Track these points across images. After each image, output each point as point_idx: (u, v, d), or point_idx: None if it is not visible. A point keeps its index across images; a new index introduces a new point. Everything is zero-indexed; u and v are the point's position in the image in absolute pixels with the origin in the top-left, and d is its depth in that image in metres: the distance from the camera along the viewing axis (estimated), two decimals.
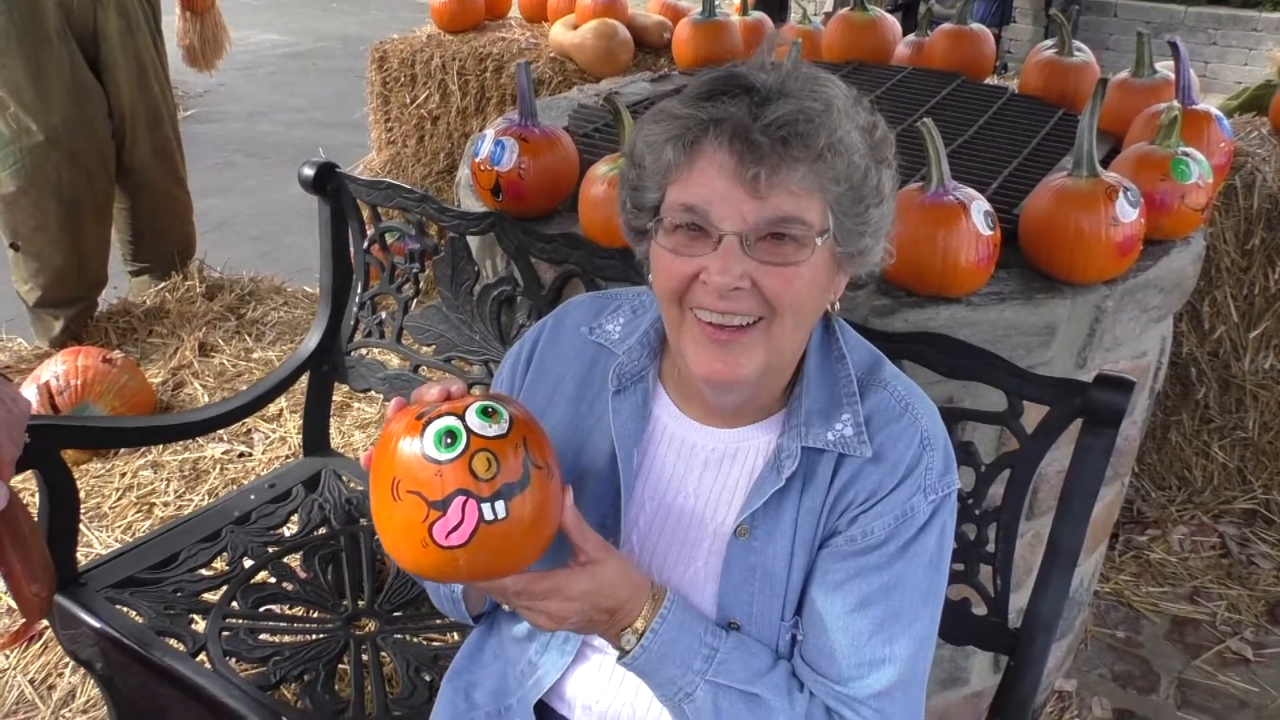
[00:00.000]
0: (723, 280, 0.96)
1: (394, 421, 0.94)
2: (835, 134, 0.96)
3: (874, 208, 1.01)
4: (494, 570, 0.93)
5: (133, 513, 2.46)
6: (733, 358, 1.00)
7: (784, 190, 0.95)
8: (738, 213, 0.95)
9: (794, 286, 0.98)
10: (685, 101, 0.99)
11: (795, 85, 0.97)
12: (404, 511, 0.90)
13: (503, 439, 0.91)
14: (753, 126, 0.94)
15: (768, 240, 0.96)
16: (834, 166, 0.96)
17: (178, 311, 3.28)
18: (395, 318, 1.93)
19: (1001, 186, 1.88)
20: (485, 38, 3.56)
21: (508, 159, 1.73)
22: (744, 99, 0.96)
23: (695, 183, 0.97)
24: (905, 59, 2.65)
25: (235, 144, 6.14)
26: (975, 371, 1.39)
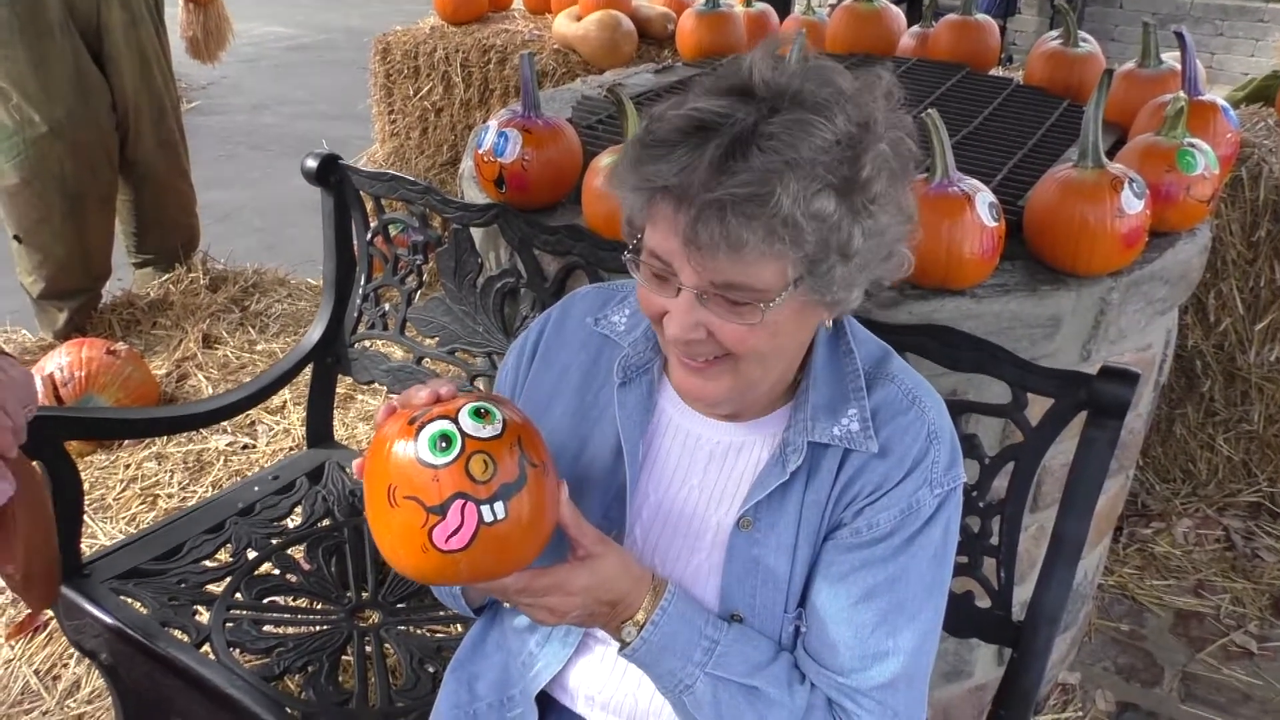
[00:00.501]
0: (677, 331, 0.97)
1: (385, 426, 0.94)
2: (782, 214, 0.89)
3: (841, 264, 0.95)
4: (495, 571, 0.93)
5: (137, 504, 2.47)
6: (701, 384, 1.02)
7: (728, 262, 0.92)
8: (690, 270, 0.94)
9: (748, 341, 0.97)
10: (642, 158, 0.95)
11: (777, 124, 0.90)
12: (402, 517, 0.89)
13: (497, 439, 0.91)
14: (695, 201, 0.90)
15: (721, 298, 0.95)
16: (784, 241, 0.91)
17: (181, 304, 3.28)
18: (399, 310, 1.93)
19: (1006, 178, 1.88)
20: (489, 29, 3.55)
21: (511, 150, 1.73)
22: (708, 148, 0.90)
23: (657, 234, 0.96)
24: (910, 50, 2.64)
25: (239, 136, 6.14)
26: (979, 364, 1.38)
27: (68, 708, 2.02)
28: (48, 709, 2.02)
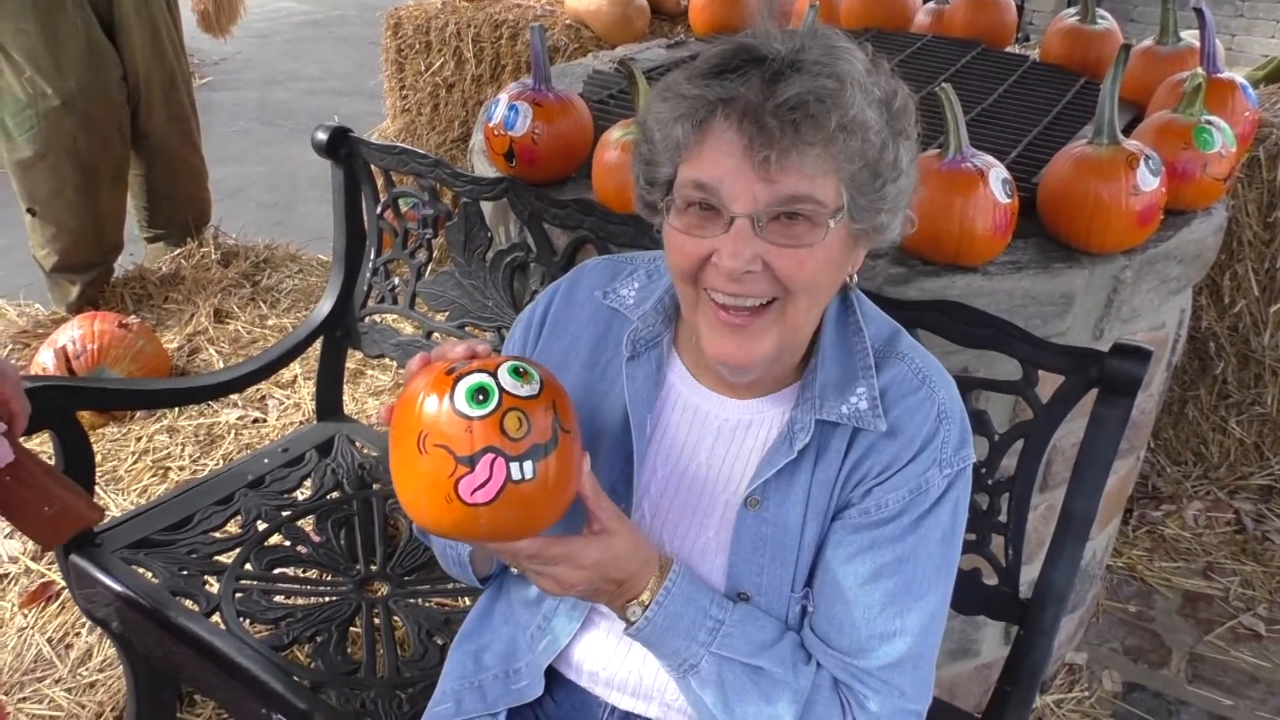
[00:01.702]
0: (734, 264, 0.94)
1: (419, 376, 0.93)
2: (849, 113, 0.93)
3: (891, 183, 0.99)
4: (512, 531, 0.92)
5: (148, 476, 2.48)
6: (747, 342, 1.00)
7: (796, 172, 0.93)
8: (748, 193, 0.93)
9: (807, 268, 0.96)
10: (694, 78, 0.97)
11: (810, 57, 0.94)
12: (429, 465, 0.88)
13: (534, 399, 0.90)
14: (763, 108, 0.91)
15: (780, 221, 0.95)
16: (848, 146, 0.93)
17: (193, 278, 3.29)
18: (408, 284, 1.93)
19: (1021, 155, 1.86)
20: (500, 4, 3.53)
21: (521, 124, 1.72)
22: (755, 75, 0.93)
23: (705, 161, 0.95)
24: (925, 26, 2.61)
25: (250, 112, 6.14)
26: (990, 340, 1.37)
27: (80, 675, 2.04)
28: (60, 677, 2.04)
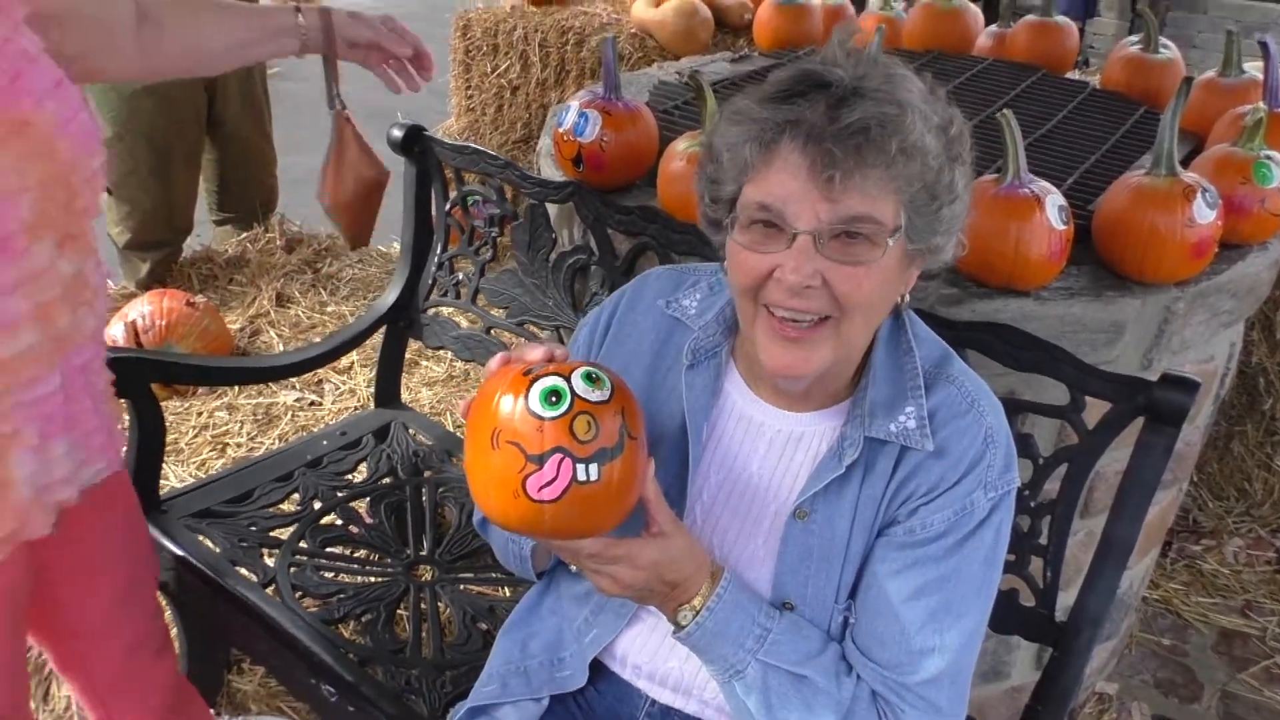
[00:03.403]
0: (796, 279, 0.99)
1: (497, 376, 0.98)
2: (909, 138, 0.97)
3: (947, 206, 1.03)
4: (575, 530, 0.96)
5: (207, 450, 2.57)
6: (803, 353, 1.03)
7: (857, 192, 0.97)
8: (811, 212, 0.98)
9: (865, 286, 1.00)
10: (762, 102, 1.02)
11: (872, 85, 0.99)
12: (501, 460, 0.93)
13: (604, 404, 0.94)
14: (827, 131, 0.96)
15: (840, 239, 0.99)
16: (908, 169, 0.98)
17: (258, 262, 3.38)
18: (471, 279, 1.99)
19: (1078, 182, 1.88)
20: (568, 11, 3.60)
21: (591, 131, 1.77)
22: (820, 100, 0.98)
23: (771, 182, 1.00)
24: (986, 50, 2.63)
25: (317, 103, 6.21)
26: (1039, 364, 1.40)
27: None
28: None
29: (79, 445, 1.21)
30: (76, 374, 1.19)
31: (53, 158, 1.09)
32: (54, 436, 1.16)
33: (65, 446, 1.18)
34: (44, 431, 1.15)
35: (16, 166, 1.05)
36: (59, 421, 1.17)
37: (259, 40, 1.50)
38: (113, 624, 1.43)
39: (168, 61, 1.43)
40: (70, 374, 1.18)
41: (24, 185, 1.05)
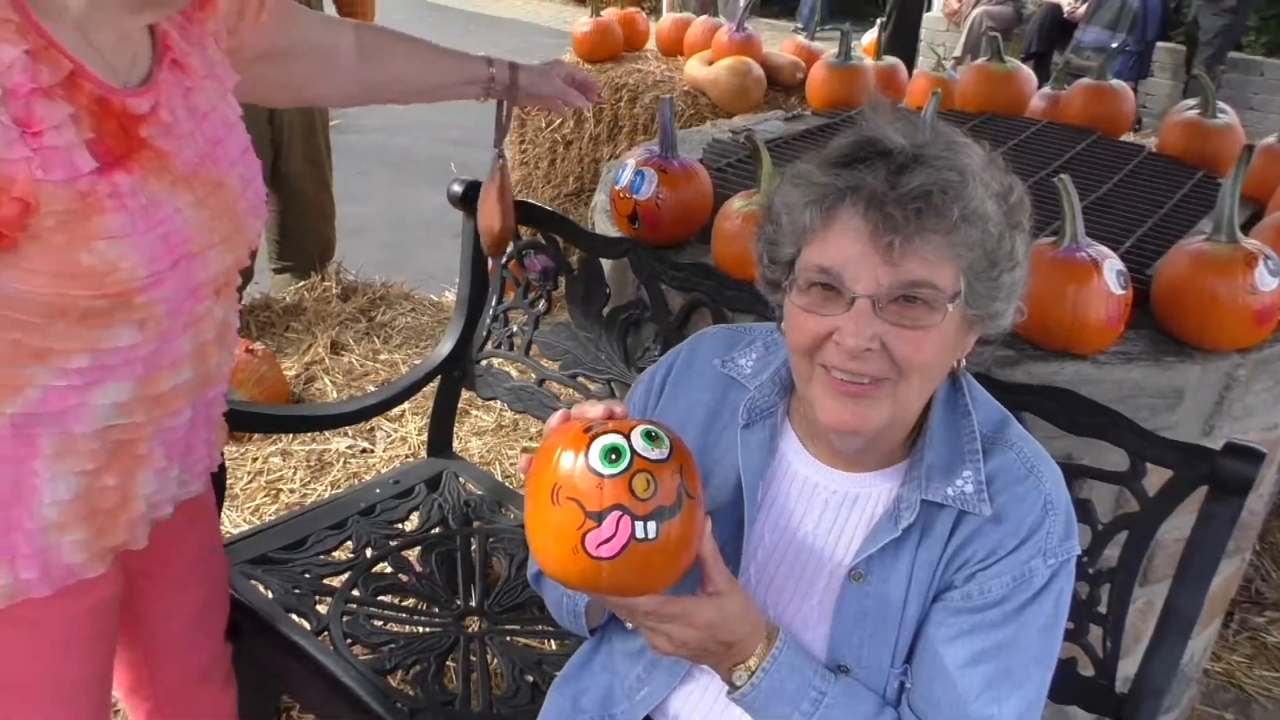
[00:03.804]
0: (855, 342, 0.99)
1: (558, 432, 0.99)
2: (970, 204, 0.98)
3: (1007, 273, 1.03)
4: (633, 588, 0.97)
5: (261, 496, 2.61)
6: (861, 410, 1.03)
7: (917, 258, 0.98)
8: (871, 276, 0.99)
9: (924, 350, 1.01)
10: (823, 166, 1.03)
11: (933, 152, 1.00)
12: (560, 517, 0.94)
13: (663, 463, 0.94)
14: (888, 196, 0.97)
15: (899, 303, 0.99)
16: (968, 235, 0.98)
17: (314, 310, 3.46)
18: (525, 331, 2.02)
19: (1135, 246, 1.87)
20: (622, 68, 3.68)
21: (647, 189, 1.80)
22: (881, 166, 0.99)
23: (831, 245, 1.01)
24: (1040, 112, 2.64)
25: (374, 155, 6.42)
26: (1098, 429, 1.39)
27: None
28: None
29: (189, 469, 1.33)
30: (204, 407, 1.30)
31: (233, 217, 1.20)
32: (175, 460, 1.28)
33: (179, 469, 1.30)
34: (169, 455, 1.26)
35: (210, 224, 1.15)
36: (181, 447, 1.28)
37: (453, 84, 1.65)
38: (189, 643, 1.51)
39: (376, 90, 1.58)
40: (200, 406, 1.28)
41: (212, 241, 1.16)
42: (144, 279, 1.08)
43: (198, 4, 1.21)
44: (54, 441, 1.14)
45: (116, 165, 1.05)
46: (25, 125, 0.98)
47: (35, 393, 1.10)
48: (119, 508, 1.22)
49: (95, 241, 1.04)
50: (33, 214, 1.00)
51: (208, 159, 1.16)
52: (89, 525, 1.20)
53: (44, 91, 0.99)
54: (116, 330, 1.10)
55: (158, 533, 1.31)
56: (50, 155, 1.00)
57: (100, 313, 1.08)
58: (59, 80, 1.01)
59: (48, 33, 1.00)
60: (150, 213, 1.08)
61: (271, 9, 1.37)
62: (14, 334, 1.07)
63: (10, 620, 1.18)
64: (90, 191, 1.03)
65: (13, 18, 0.98)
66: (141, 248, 1.07)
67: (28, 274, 1.03)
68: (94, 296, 1.06)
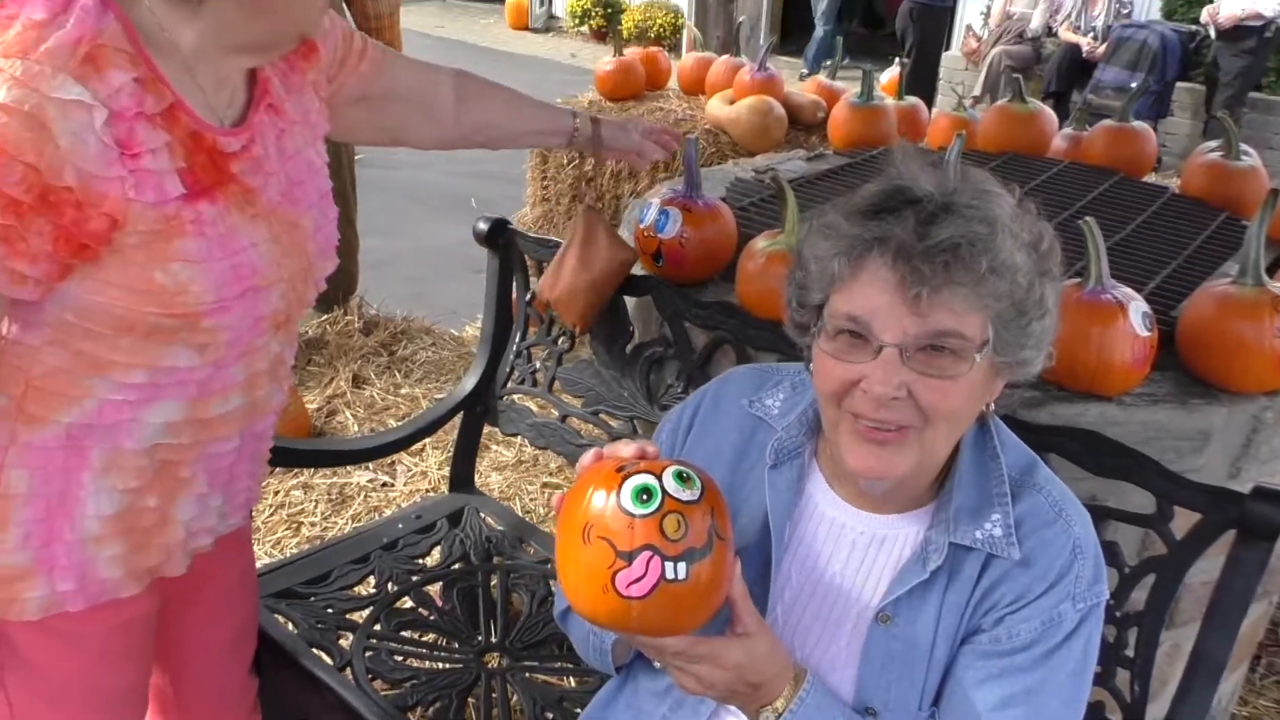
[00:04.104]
0: (882, 390, 1.00)
1: (590, 471, 1.00)
2: (998, 256, 0.98)
3: (1036, 321, 1.03)
4: (662, 628, 0.97)
5: (282, 529, 2.62)
6: (887, 455, 1.04)
7: (945, 309, 0.98)
8: (899, 325, 0.99)
9: (951, 398, 1.01)
10: (851, 215, 1.04)
11: (962, 200, 1.00)
12: (591, 556, 0.94)
13: (694, 504, 0.95)
14: (916, 249, 0.97)
15: (926, 352, 1.00)
16: (996, 287, 0.98)
17: (336, 344, 3.49)
18: (548, 368, 2.03)
19: (1159, 287, 1.87)
20: (644, 107, 3.72)
21: (671, 228, 1.82)
22: (909, 216, 0.99)
23: (859, 294, 1.01)
24: (1062, 152, 2.65)
25: (399, 189, 6.49)
26: (1124, 471, 1.38)
27: None
28: None
29: (229, 500, 1.36)
30: (251, 439, 1.33)
31: (303, 256, 1.24)
32: (216, 489, 1.31)
33: (220, 499, 1.33)
34: (211, 482, 1.29)
35: (280, 261, 1.20)
36: (224, 477, 1.31)
37: (539, 133, 1.72)
38: (220, 671, 1.53)
39: (468, 136, 1.63)
40: (247, 438, 1.31)
41: (280, 277, 1.20)
42: (211, 304, 1.13)
43: (301, 54, 1.27)
44: (103, 455, 1.18)
45: (203, 194, 1.11)
46: (125, 147, 1.03)
47: (92, 404, 1.15)
48: (157, 528, 1.26)
49: (171, 263, 1.09)
50: (118, 230, 1.05)
51: (287, 198, 1.21)
52: (126, 542, 1.23)
53: (146, 118, 1.05)
54: (177, 350, 1.15)
55: (197, 559, 1.34)
56: (143, 177, 1.05)
57: (165, 331, 1.12)
58: (160, 110, 1.07)
59: (156, 66, 1.07)
60: (227, 242, 1.13)
61: (372, 58, 1.43)
62: (82, 344, 1.12)
63: (46, 630, 1.22)
64: (175, 215, 1.08)
65: (126, 48, 1.04)
66: (213, 274, 1.12)
67: (104, 286, 1.08)
68: (162, 315, 1.11)
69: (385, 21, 3.27)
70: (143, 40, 1.06)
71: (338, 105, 1.39)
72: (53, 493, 1.17)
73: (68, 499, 1.18)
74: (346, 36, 1.39)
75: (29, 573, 1.18)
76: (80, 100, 0.99)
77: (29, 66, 0.98)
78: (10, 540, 1.16)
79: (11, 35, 1.00)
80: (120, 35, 1.04)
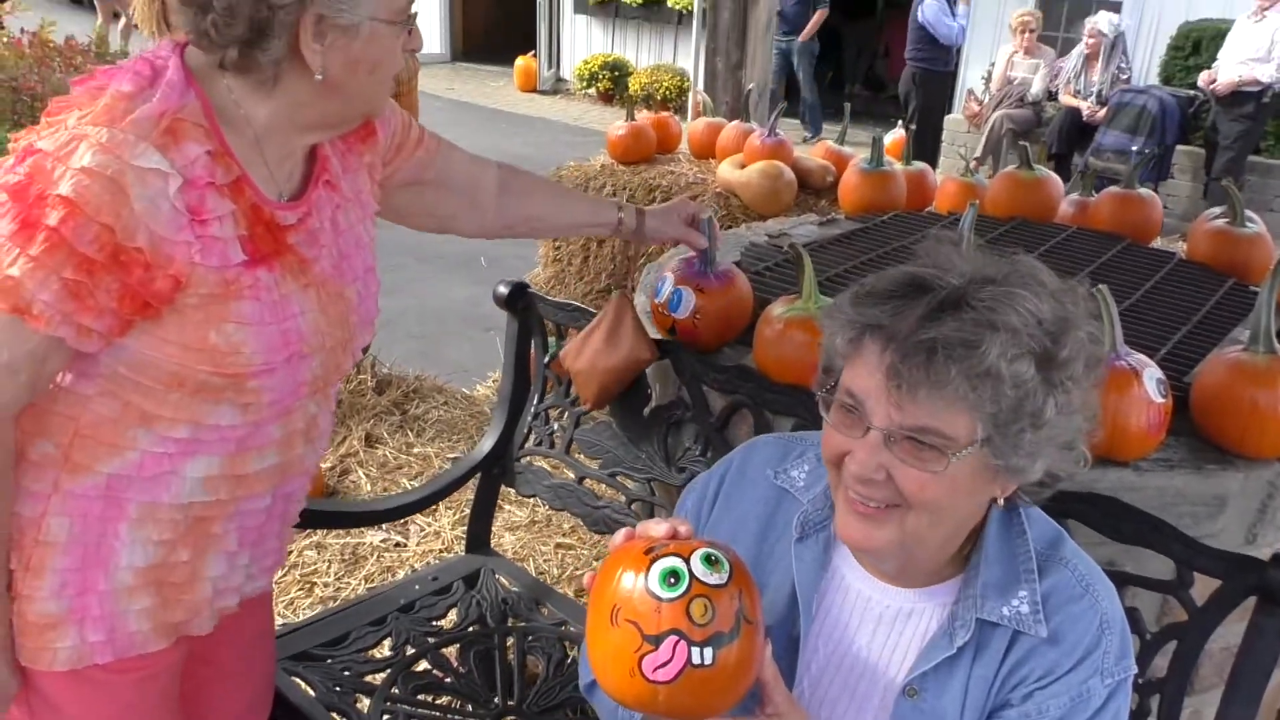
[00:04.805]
0: (859, 470, 1.03)
1: (620, 551, 1.01)
2: (981, 365, 0.96)
3: (1030, 431, 1.00)
4: (689, 712, 0.96)
5: (295, 590, 2.62)
6: (867, 530, 1.06)
7: (925, 406, 0.99)
8: (884, 412, 1.01)
9: (929, 490, 1.02)
10: (857, 299, 1.05)
11: (981, 297, 1.00)
12: (618, 638, 0.95)
13: (721, 588, 0.95)
14: (903, 343, 0.98)
15: (910, 441, 1.01)
16: (979, 393, 0.97)
17: (349, 403, 3.51)
18: (566, 430, 2.05)
19: (1171, 353, 1.90)
20: (655, 170, 3.78)
21: (684, 309, 1.83)
22: (917, 305, 1.00)
23: (858, 373, 1.04)
24: (1069, 218, 2.70)
25: (409, 248, 6.52)
26: (1143, 537, 1.39)
27: None
28: None
29: (256, 561, 1.38)
30: (281, 500, 1.36)
31: (346, 327, 1.29)
32: (246, 547, 1.34)
33: (248, 559, 1.35)
34: (241, 540, 1.32)
35: (325, 330, 1.25)
36: (253, 536, 1.34)
37: (584, 225, 1.77)
38: None
39: (513, 226, 1.68)
40: (278, 498, 1.35)
41: (324, 345, 1.25)
42: (259, 366, 1.17)
43: (360, 136, 1.34)
44: (141, 507, 1.21)
45: (261, 262, 1.16)
46: (194, 214, 1.10)
47: (134, 456, 1.19)
48: (186, 584, 1.28)
49: (226, 324, 1.14)
50: (180, 290, 1.10)
51: (336, 270, 1.27)
52: (156, 595, 1.26)
53: (215, 188, 1.12)
54: (222, 408, 1.19)
55: (226, 620, 1.36)
56: (209, 243, 1.11)
57: (213, 389, 1.17)
58: (228, 182, 1.13)
59: (227, 141, 1.14)
60: (279, 308, 1.18)
61: (427, 145, 1.51)
62: (132, 396, 1.16)
63: (76, 679, 1.24)
64: (234, 280, 1.14)
65: (203, 123, 1.12)
66: (263, 337, 1.17)
67: (161, 343, 1.13)
68: (212, 373, 1.15)
69: (404, 87, 3.34)
70: (218, 116, 1.13)
71: (390, 188, 1.45)
72: (90, 541, 1.20)
73: (103, 549, 1.21)
74: (406, 124, 1.46)
75: (61, 621, 1.20)
76: (158, 169, 1.06)
77: (114, 134, 1.05)
78: (45, 588, 1.19)
79: (100, 105, 1.07)
80: (198, 111, 1.11)
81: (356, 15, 1.12)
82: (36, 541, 1.18)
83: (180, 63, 1.13)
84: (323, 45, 1.11)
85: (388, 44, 1.17)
